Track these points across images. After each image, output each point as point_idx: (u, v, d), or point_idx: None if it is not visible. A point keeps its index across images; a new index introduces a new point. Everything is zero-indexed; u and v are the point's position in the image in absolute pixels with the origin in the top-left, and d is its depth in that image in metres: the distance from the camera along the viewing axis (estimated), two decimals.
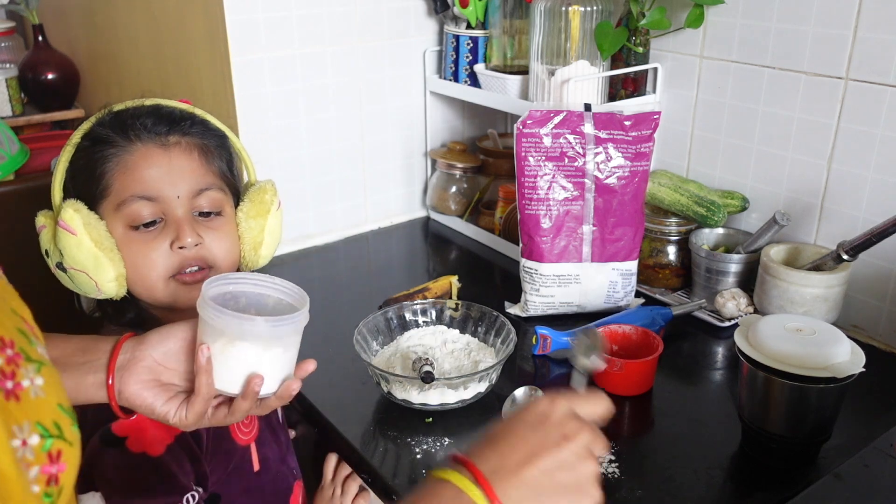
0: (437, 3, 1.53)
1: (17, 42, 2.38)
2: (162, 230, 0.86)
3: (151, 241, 0.85)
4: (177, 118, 0.89)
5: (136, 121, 0.86)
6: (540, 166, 1.22)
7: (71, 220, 0.81)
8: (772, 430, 0.92)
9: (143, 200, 0.84)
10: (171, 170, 0.86)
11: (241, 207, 0.93)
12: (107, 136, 0.86)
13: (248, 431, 0.93)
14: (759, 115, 1.29)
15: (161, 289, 0.86)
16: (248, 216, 0.93)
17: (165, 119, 0.88)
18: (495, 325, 1.13)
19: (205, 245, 0.87)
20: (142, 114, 0.88)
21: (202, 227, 0.88)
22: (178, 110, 0.91)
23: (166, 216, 0.86)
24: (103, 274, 0.83)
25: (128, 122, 0.86)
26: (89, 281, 0.84)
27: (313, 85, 1.48)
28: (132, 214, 0.84)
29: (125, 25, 1.78)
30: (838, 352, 0.88)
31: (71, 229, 0.81)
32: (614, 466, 0.93)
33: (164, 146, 0.87)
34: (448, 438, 0.98)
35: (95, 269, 0.83)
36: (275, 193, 0.95)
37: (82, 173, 0.87)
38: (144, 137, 0.86)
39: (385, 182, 1.66)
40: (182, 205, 0.86)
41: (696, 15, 1.29)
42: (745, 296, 1.23)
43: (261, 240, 0.94)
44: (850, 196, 1.19)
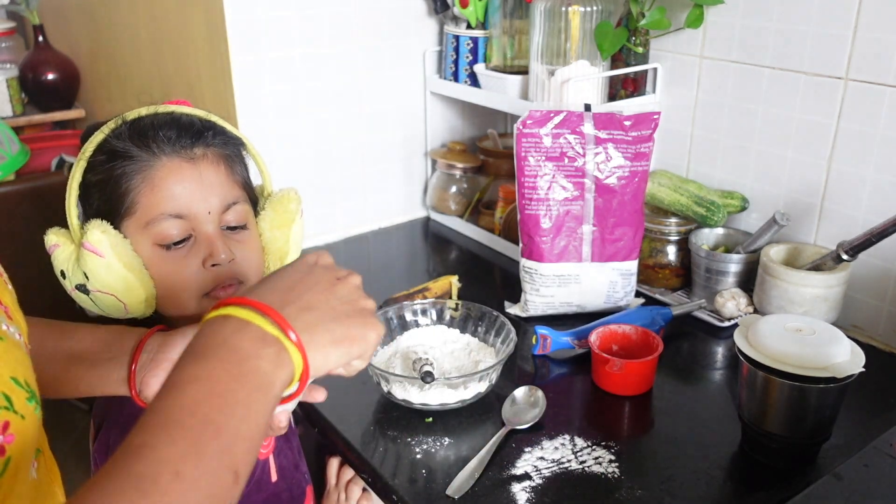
0: (437, 3, 1.53)
1: (18, 42, 2.38)
2: (192, 248, 0.82)
3: (182, 260, 0.81)
4: (199, 129, 0.84)
5: (158, 132, 0.81)
6: (540, 166, 1.22)
7: (99, 243, 0.77)
8: (772, 430, 0.92)
9: (174, 219, 0.80)
10: (201, 185, 0.82)
11: (264, 217, 0.90)
12: (127, 150, 0.81)
13: (267, 444, 0.93)
14: (759, 115, 1.29)
15: (194, 307, 0.83)
16: (273, 226, 0.89)
17: (187, 130, 0.83)
18: (495, 325, 1.13)
19: (236, 260, 0.84)
20: (161, 124, 0.82)
21: (232, 241, 0.84)
22: (197, 119, 0.86)
23: (195, 232, 0.82)
24: (134, 296, 0.80)
25: (148, 134, 0.81)
26: (117, 304, 0.80)
27: (313, 85, 1.48)
28: (162, 234, 0.80)
29: (125, 25, 1.78)
30: (838, 352, 0.88)
31: (98, 252, 0.77)
32: (614, 466, 0.93)
33: (192, 160, 0.82)
34: (448, 438, 0.98)
35: (125, 292, 0.79)
36: (299, 202, 0.92)
37: (101, 189, 0.82)
38: (169, 151, 0.81)
39: (385, 182, 1.66)
40: (212, 221, 0.82)
41: (695, 15, 1.29)
42: (744, 296, 1.23)
43: (286, 250, 0.91)
44: (850, 196, 1.19)
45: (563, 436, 0.98)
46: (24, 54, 2.29)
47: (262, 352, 0.53)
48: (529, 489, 0.89)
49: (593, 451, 0.95)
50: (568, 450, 0.96)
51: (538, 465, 0.93)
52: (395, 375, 1.02)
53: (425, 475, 0.92)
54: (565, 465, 0.93)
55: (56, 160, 2.03)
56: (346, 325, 0.59)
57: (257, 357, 0.53)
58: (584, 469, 0.92)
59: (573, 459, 0.94)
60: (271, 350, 0.53)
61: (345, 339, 0.58)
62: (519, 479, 0.91)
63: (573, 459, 0.94)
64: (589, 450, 0.96)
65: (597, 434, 0.99)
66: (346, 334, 0.58)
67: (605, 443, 0.97)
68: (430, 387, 1.00)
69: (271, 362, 0.53)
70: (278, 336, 0.54)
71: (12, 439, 0.49)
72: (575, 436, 0.98)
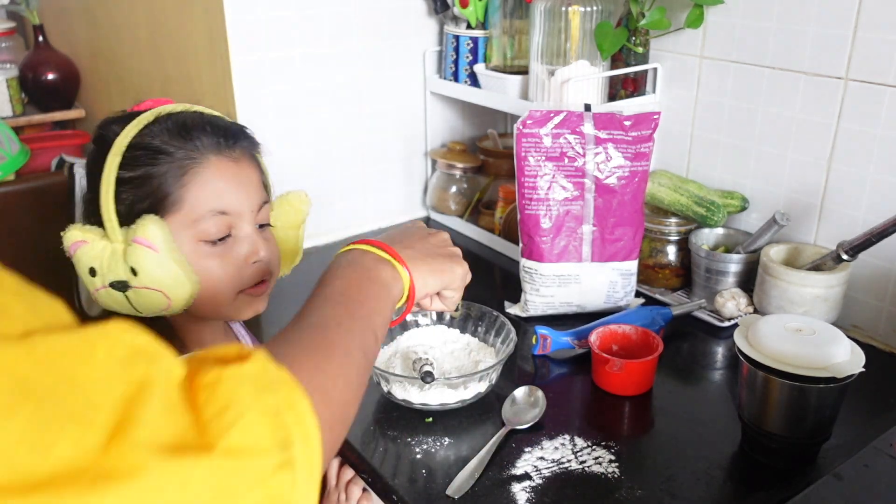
0: (437, 4, 1.53)
1: (18, 42, 2.38)
2: (233, 244, 0.84)
3: (225, 256, 0.83)
4: (235, 130, 0.86)
5: (202, 131, 0.83)
6: (540, 166, 1.22)
7: (154, 238, 0.77)
8: (772, 430, 0.92)
9: (220, 216, 0.82)
10: (242, 183, 0.84)
11: (277, 216, 0.93)
12: (172, 147, 0.81)
13: None
14: (759, 115, 1.29)
15: (229, 303, 0.85)
16: (286, 225, 0.93)
17: (223, 130, 0.85)
18: (495, 325, 1.13)
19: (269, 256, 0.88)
20: (201, 123, 0.84)
21: (262, 238, 0.87)
22: (230, 122, 0.88)
23: (235, 230, 0.84)
24: (181, 291, 0.80)
25: (193, 133, 0.82)
26: (163, 300, 0.80)
27: (313, 85, 1.48)
28: (209, 230, 0.82)
29: (125, 25, 1.78)
30: (838, 352, 0.88)
31: (153, 247, 0.77)
32: (614, 466, 0.93)
33: (235, 160, 0.84)
34: (448, 438, 0.98)
35: (174, 287, 0.79)
36: (310, 204, 0.96)
37: (138, 186, 0.81)
38: (215, 149, 0.83)
39: (385, 182, 1.66)
40: (252, 219, 0.85)
41: (696, 15, 1.29)
42: (744, 296, 1.23)
43: (297, 249, 0.96)
44: (850, 196, 1.19)
45: (563, 436, 0.98)
46: (24, 54, 2.29)
47: (381, 267, 0.71)
48: (529, 489, 0.89)
49: (593, 451, 0.95)
50: (568, 450, 0.96)
51: (538, 465, 0.93)
52: (395, 375, 1.02)
53: (425, 475, 0.92)
54: (565, 465, 0.93)
55: (56, 160, 2.03)
56: (440, 260, 0.77)
57: (378, 270, 0.71)
58: (584, 469, 0.92)
59: (573, 459, 0.94)
60: (387, 267, 0.72)
61: (438, 271, 0.76)
62: (519, 479, 0.91)
63: (573, 459, 0.94)
64: (589, 450, 0.96)
65: (597, 434, 0.99)
66: (439, 267, 0.76)
67: (605, 443, 0.97)
68: (430, 387, 1.00)
69: (388, 274, 0.71)
70: (391, 260, 0.72)
71: None
72: (575, 436, 0.98)
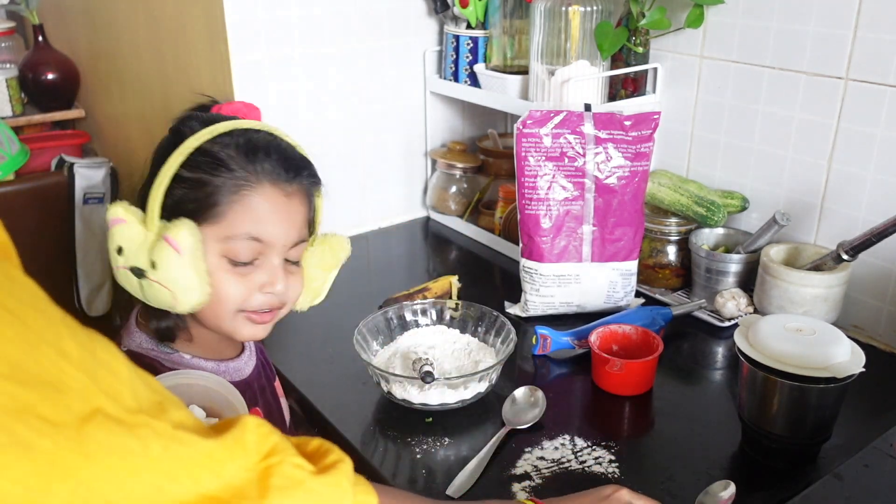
0: (437, 3, 1.53)
1: (18, 42, 2.38)
2: (254, 269, 0.84)
3: (243, 278, 0.84)
4: (299, 164, 0.87)
5: (267, 157, 0.83)
6: (540, 166, 1.22)
7: (183, 241, 0.78)
8: (772, 430, 0.92)
9: (253, 241, 0.82)
10: (285, 217, 0.85)
11: (313, 253, 0.93)
12: (234, 163, 0.82)
13: None
14: (759, 115, 1.29)
15: (229, 320, 0.86)
16: (318, 265, 0.93)
17: (290, 163, 0.85)
18: (495, 325, 1.13)
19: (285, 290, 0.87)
20: (270, 148, 0.84)
21: (285, 272, 0.87)
22: (297, 153, 0.89)
23: (262, 258, 0.85)
24: (188, 297, 0.81)
25: (258, 156, 0.83)
26: (170, 299, 0.81)
27: (313, 85, 1.48)
28: (238, 251, 0.82)
29: (125, 25, 1.78)
30: (838, 352, 0.88)
31: (179, 249, 0.78)
32: (614, 466, 0.93)
33: (287, 194, 0.85)
34: (448, 438, 0.98)
35: (183, 291, 0.80)
36: (348, 251, 0.96)
37: (192, 188, 0.82)
38: (272, 178, 0.83)
39: (385, 182, 1.66)
40: (282, 253, 0.86)
41: (696, 15, 1.29)
42: (745, 296, 1.23)
43: (320, 292, 0.95)
44: (850, 196, 1.19)
45: (563, 436, 0.98)
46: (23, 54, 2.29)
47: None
48: (529, 489, 0.89)
49: (593, 451, 0.95)
50: (568, 450, 0.96)
51: (538, 465, 0.93)
52: (395, 375, 1.02)
53: (425, 475, 0.92)
54: (565, 465, 0.93)
55: (56, 160, 2.03)
56: None
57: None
58: (584, 469, 0.92)
59: (573, 459, 0.94)
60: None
61: None
62: (519, 479, 0.91)
63: (573, 459, 0.94)
64: (589, 450, 0.96)
65: (597, 434, 0.99)
66: None
67: (605, 443, 0.97)
68: (430, 387, 1.00)
69: None
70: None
71: None
72: (575, 436, 0.98)
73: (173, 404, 0.48)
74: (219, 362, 0.92)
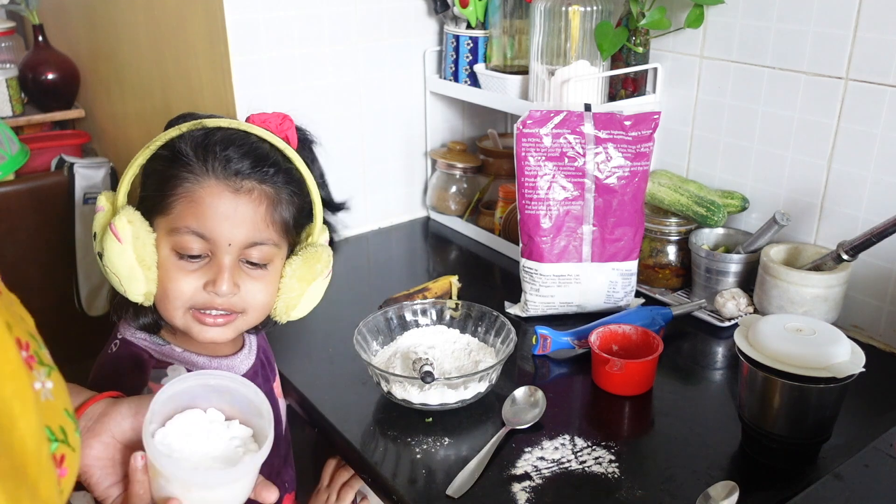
0: (437, 3, 1.53)
1: (18, 42, 2.38)
2: (204, 266, 0.84)
3: (189, 274, 0.83)
4: (262, 159, 0.85)
5: (221, 152, 0.83)
6: (540, 166, 1.22)
7: (122, 230, 0.80)
8: (772, 430, 0.92)
9: (196, 236, 0.82)
10: (232, 216, 0.83)
11: (291, 262, 0.89)
12: (186, 157, 0.83)
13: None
14: (759, 115, 1.29)
15: (179, 317, 0.85)
16: (294, 276, 0.89)
17: (251, 157, 0.84)
18: (495, 325, 1.13)
19: (240, 294, 0.85)
20: (230, 143, 0.84)
21: (244, 275, 0.85)
22: (268, 148, 0.86)
23: (213, 255, 0.84)
24: (134, 287, 0.83)
25: (210, 151, 0.83)
26: (119, 286, 0.84)
27: (313, 85, 1.48)
28: (181, 244, 0.83)
29: (125, 25, 1.78)
30: (838, 352, 0.88)
31: (119, 237, 0.80)
32: (614, 466, 0.93)
33: (236, 191, 0.83)
34: (448, 438, 0.98)
35: (128, 280, 0.82)
36: (328, 264, 0.91)
37: (152, 181, 0.85)
38: (220, 174, 0.83)
39: (385, 182, 1.66)
40: (231, 252, 0.83)
41: (696, 15, 1.29)
42: (745, 296, 1.23)
43: (296, 304, 0.90)
44: (850, 196, 1.19)
45: (563, 436, 0.98)
46: (23, 54, 2.29)
47: None
48: (529, 489, 0.89)
49: (593, 451, 0.95)
50: (568, 450, 0.96)
51: (538, 465, 0.93)
52: (395, 375, 1.02)
53: (425, 475, 0.92)
54: (565, 465, 0.93)
55: (56, 160, 2.03)
56: None
57: None
58: (584, 469, 0.92)
59: (573, 459, 0.94)
60: None
61: None
62: (519, 479, 0.91)
63: (573, 459, 0.94)
64: (589, 450, 0.96)
65: (597, 434, 0.99)
66: None
67: (605, 443, 0.97)
68: (430, 387, 1.00)
69: None
70: None
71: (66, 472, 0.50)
72: (575, 436, 0.98)
73: None
74: (211, 358, 0.91)
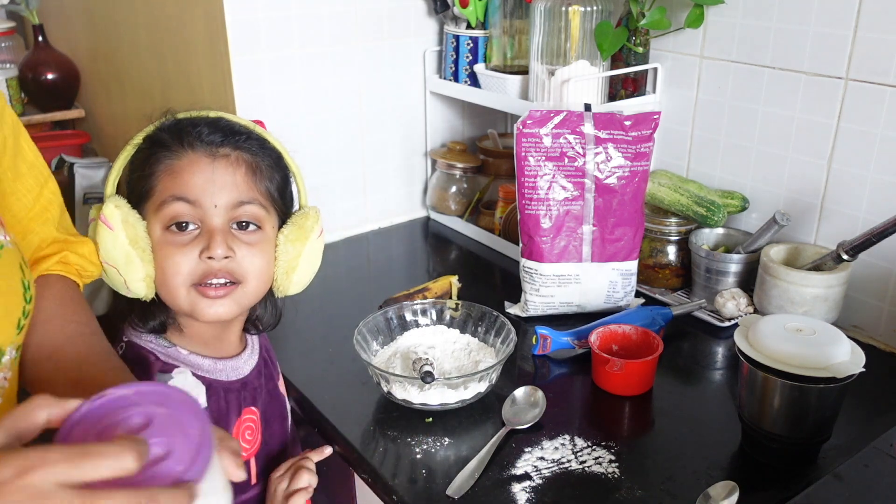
0: (437, 3, 1.53)
1: (17, 42, 2.38)
2: (196, 237, 0.85)
3: (183, 247, 0.85)
4: (233, 131, 0.89)
5: (194, 129, 0.87)
6: (540, 166, 1.22)
7: (111, 216, 0.83)
8: (772, 430, 0.92)
9: (181, 201, 0.85)
10: (213, 179, 0.85)
11: (283, 230, 0.92)
12: (163, 140, 0.87)
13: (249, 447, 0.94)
14: (759, 115, 1.29)
15: (183, 296, 0.86)
16: (287, 239, 0.91)
17: (221, 130, 0.88)
18: (495, 325, 1.13)
19: (235, 259, 0.86)
20: (200, 123, 0.89)
21: (237, 240, 0.87)
22: (237, 125, 0.91)
23: (203, 224, 0.85)
24: (133, 272, 0.84)
25: (185, 129, 0.87)
26: (119, 277, 0.85)
27: (313, 85, 1.48)
28: (169, 213, 0.85)
29: (125, 25, 1.78)
30: (838, 352, 0.88)
31: (109, 224, 0.83)
32: (614, 466, 0.93)
33: (213, 156, 0.87)
34: (448, 438, 0.98)
35: (126, 266, 0.84)
36: (317, 220, 0.94)
37: (135, 173, 0.89)
38: (196, 146, 0.86)
39: (385, 182, 1.66)
40: (219, 214, 0.85)
41: (696, 15, 1.29)
42: (745, 296, 1.23)
43: (295, 265, 0.92)
44: (850, 196, 1.19)
45: (563, 436, 0.98)
46: (23, 54, 2.29)
47: None
48: (529, 489, 0.89)
49: (593, 451, 0.95)
50: (568, 450, 0.96)
51: (538, 465, 0.93)
52: (395, 375, 1.02)
53: (425, 475, 0.92)
54: (565, 466, 0.93)
55: (56, 160, 2.03)
56: None
57: None
58: (584, 469, 0.92)
59: (573, 459, 0.94)
60: None
61: None
62: (519, 479, 0.91)
63: (573, 459, 0.94)
64: (589, 450, 0.96)
65: (597, 434, 0.99)
66: None
67: (605, 443, 0.97)
68: (430, 387, 1.00)
69: None
70: None
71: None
72: (575, 436, 0.98)
73: None
74: (216, 360, 0.92)
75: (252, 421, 0.94)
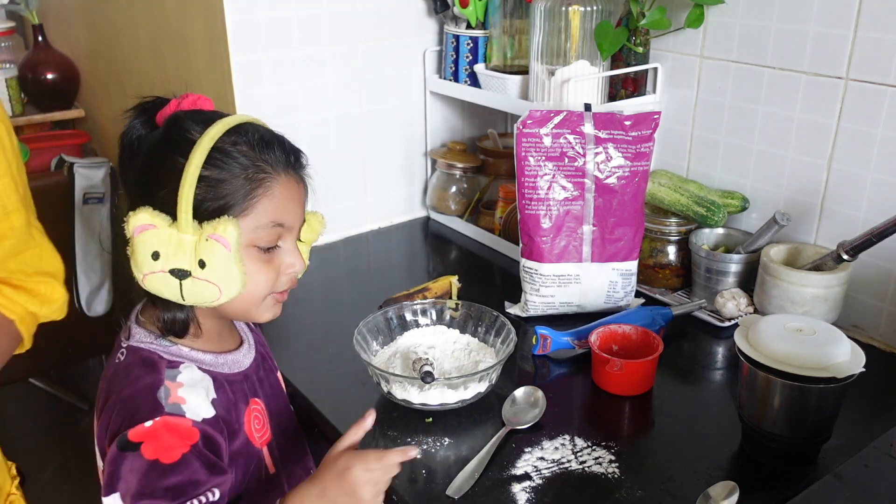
0: (437, 3, 1.53)
1: (17, 42, 2.38)
2: (276, 254, 0.90)
3: (269, 264, 0.89)
4: (296, 151, 0.93)
5: (278, 150, 0.89)
6: (540, 166, 1.22)
7: (230, 237, 0.83)
8: (772, 430, 0.92)
9: (278, 227, 0.88)
10: (300, 202, 0.92)
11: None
12: (252, 159, 0.86)
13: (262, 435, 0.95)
14: (759, 115, 1.29)
15: (257, 305, 0.90)
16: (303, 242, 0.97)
17: (290, 151, 0.92)
18: (495, 325, 1.13)
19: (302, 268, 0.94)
20: (277, 141, 0.91)
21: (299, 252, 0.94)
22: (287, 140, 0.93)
23: (281, 241, 0.90)
24: (233, 288, 0.85)
25: (272, 148, 0.89)
26: (216, 292, 0.84)
27: (313, 85, 1.48)
28: (266, 237, 0.87)
29: (125, 25, 1.78)
30: (838, 352, 0.88)
31: (227, 245, 0.83)
32: (614, 466, 0.93)
33: (297, 180, 0.92)
34: (448, 438, 0.98)
35: (228, 283, 0.85)
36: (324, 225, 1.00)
37: (212, 186, 0.84)
38: (287, 168, 0.90)
39: (385, 182, 1.66)
40: (296, 234, 0.93)
41: (696, 15, 1.29)
42: (745, 296, 1.23)
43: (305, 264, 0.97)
44: (850, 196, 1.19)
45: (563, 436, 0.98)
46: (23, 54, 2.29)
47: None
48: (529, 489, 0.89)
49: (593, 451, 0.95)
50: (568, 450, 0.96)
51: (538, 465, 0.93)
52: (395, 375, 1.02)
53: (425, 475, 0.92)
54: (565, 466, 0.93)
55: (56, 160, 2.03)
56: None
57: None
58: (584, 469, 0.92)
59: (573, 459, 0.94)
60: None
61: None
62: (519, 479, 0.91)
63: (573, 459, 0.94)
64: (589, 450, 0.96)
65: (597, 434, 0.99)
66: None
67: (605, 443, 0.97)
68: (430, 387, 1.00)
69: None
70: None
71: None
72: (575, 436, 0.98)
73: None
74: (218, 354, 0.93)
75: (258, 411, 0.95)
